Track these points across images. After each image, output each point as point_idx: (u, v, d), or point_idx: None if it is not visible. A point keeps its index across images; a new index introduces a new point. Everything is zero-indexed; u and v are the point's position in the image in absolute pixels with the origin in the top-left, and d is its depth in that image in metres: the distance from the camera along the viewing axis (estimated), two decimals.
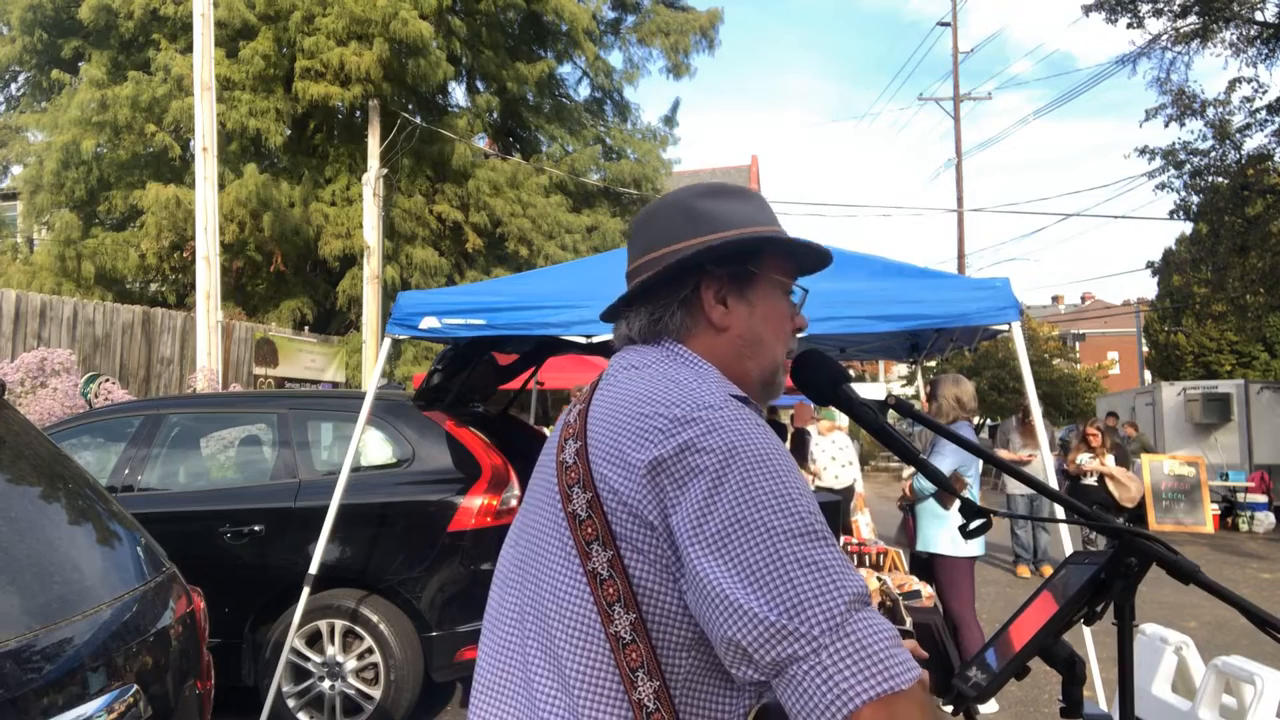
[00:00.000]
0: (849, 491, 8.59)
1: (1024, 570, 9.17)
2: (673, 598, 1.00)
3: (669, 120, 18.17)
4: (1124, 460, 9.70)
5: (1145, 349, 27.26)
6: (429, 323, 4.13)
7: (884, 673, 0.87)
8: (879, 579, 4.07)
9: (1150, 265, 19.08)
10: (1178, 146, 14.21)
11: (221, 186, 10.93)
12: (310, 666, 4.35)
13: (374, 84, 12.92)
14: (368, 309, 12.79)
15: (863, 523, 7.53)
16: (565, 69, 17.13)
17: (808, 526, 0.94)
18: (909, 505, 5.01)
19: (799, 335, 1.25)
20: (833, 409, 9.36)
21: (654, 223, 1.23)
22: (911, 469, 4.92)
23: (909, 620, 3.82)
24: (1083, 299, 52.57)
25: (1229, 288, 15.12)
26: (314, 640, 4.36)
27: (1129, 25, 14.22)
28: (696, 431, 0.99)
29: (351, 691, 4.31)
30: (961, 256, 22.87)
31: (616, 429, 1.06)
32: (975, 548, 4.58)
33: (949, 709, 1.16)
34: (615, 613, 1.00)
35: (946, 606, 4.50)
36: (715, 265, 1.16)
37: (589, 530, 1.03)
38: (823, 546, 0.94)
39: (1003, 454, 8.85)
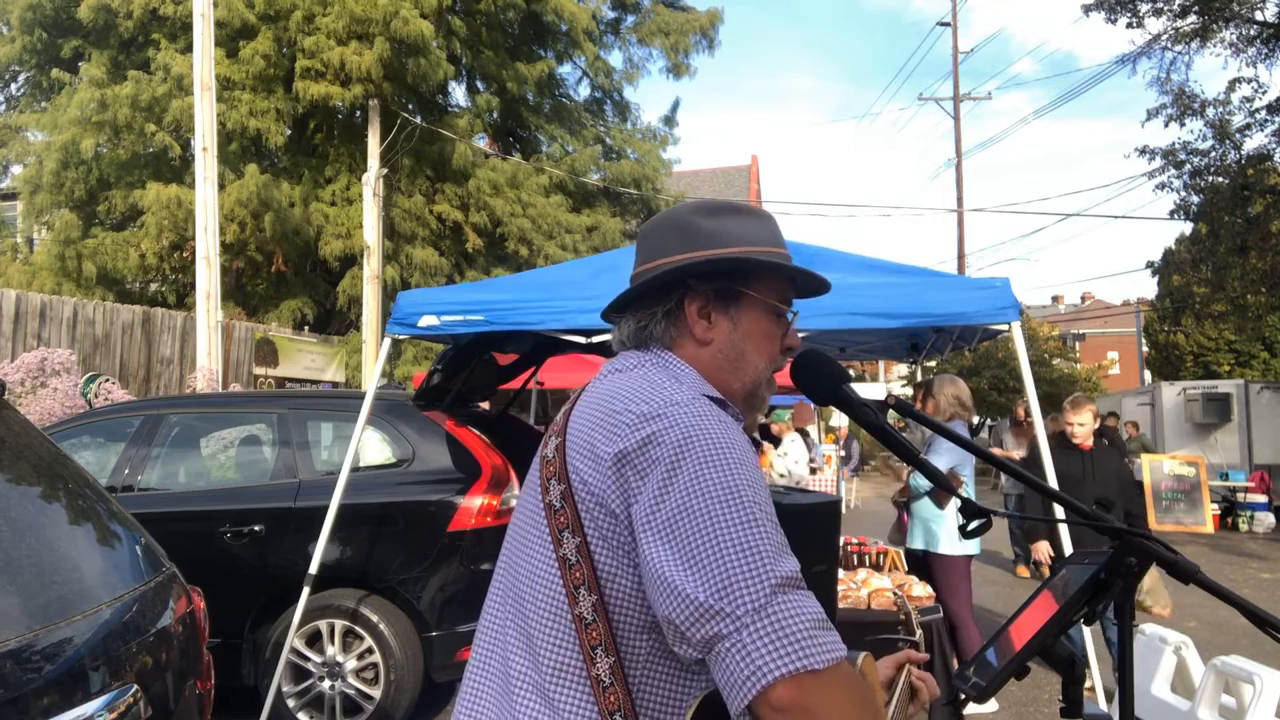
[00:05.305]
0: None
1: (1024, 570, 9.17)
2: (631, 582, 1.06)
3: (669, 120, 18.16)
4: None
5: (1145, 349, 27.23)
6: (428, 321, 4.13)
7: (798, 651, 0.92)
8: (894, 594, 4.02)
9: (1150, 265, 19.05)
10: (1178, 146, 14.20)
11: (222, 186, 10.92)
12: (310, 666, 4.35)
13: (374, 84, 12.91)
14: (368, 309, 12.79)
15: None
16: (565, 69, 17.12)
17: (749, 515, 0.99)
18: (905, 502, 5.01)
19: (792, 351, 1.30)
20: (781, 411, 9.15)
21: (650, 235, 1.29)
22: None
23: (919, 633, 3.79)
24: (1083, 299, 52.51)
25: (1229, 288, 15.10)
26: (314, 640, 4.36)
27: (1129, 25, 14.22)
28: (659, 426, 1.06)
29: (351, 691, 4.31)
30: (961, 256, 22.87)
31: (590, 425, 1.12)
32: (972, 546, 4.58)
33: (947, 709, 1.16)
34: (580, 595, 1.07)
35: (944, 606, 4.50)
36: (699, 281, 1.22)
37: (561, 519, 1.10)
38: (759, 532, 0.98)
39: (996, 452, 8.82)
